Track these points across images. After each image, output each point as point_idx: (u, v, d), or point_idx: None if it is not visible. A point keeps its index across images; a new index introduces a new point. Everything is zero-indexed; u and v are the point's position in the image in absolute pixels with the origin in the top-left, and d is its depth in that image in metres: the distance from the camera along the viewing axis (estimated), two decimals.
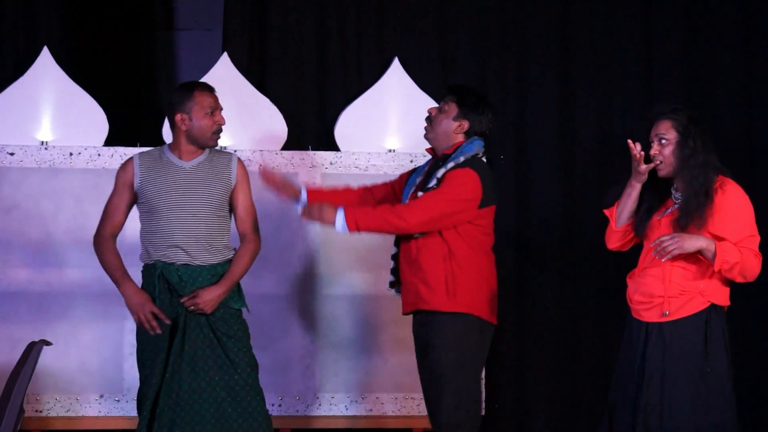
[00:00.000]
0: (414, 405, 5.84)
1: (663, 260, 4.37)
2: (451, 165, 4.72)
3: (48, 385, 5.69)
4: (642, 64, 6.34)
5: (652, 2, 6.36)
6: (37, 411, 5.68)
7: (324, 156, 5.89)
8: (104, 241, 4.87)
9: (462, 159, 4.74)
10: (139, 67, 6.56)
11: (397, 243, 4.90)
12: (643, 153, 4.44)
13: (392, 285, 4.94)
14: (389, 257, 4.94)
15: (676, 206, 4.46)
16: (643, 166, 4.46)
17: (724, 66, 6.34)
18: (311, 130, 6.17)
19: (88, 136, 5.82)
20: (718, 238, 4.35)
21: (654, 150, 4.46)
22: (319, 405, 5.83)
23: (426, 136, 4.87)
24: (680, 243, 4.32)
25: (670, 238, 4.34)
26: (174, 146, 4.87)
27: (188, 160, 4.82)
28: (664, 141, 4.45)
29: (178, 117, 4.84)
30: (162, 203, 4.77)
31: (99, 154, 5.76)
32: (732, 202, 4.39)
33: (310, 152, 5.90)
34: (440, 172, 4.73)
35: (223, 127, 4.85)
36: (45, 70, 5.84)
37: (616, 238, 4.65)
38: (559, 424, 6.24)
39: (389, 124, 6.02)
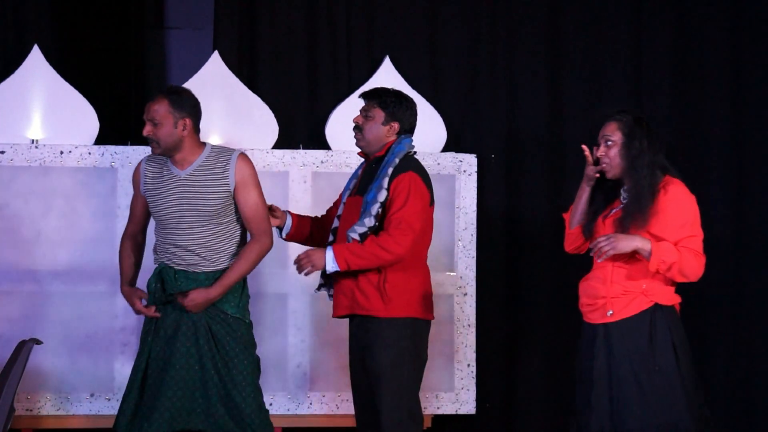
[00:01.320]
0: None
1: (599, 260, 4.43)
2: (390, 170, 4.74)
3: (39, 383, 5.67)
4: (631, 64, 6.35)
5: (641, 2, 6.37)
6: (27, 410, 5.67)
7: (315, 155, 5.89)
8: (123, 241, 4.89)
9: (397, 161, 4.77)
10: (130, 66, 6.56)
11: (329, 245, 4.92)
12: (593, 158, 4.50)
13: (321, 287, 4.93)
14: None
15: (621, 207, 4.48)
16: (591, 168, 4.50)
17: (712, 65, 6.35)
18: (302, 128, 6.16)
19: (79, 134, 5.81)
20: (658, 239, 4.36)
21: (600, 152, 4.51)
22: (310, 404, 5.83)
23: (358, 144, 4.90)
24: (614, 243, 4.35)
25: (606, 238, 4.37)
26: None
27: (183, 168, 4.71)
28: (609, 143, 4.50)
29: None
30: (159, 212, 4.73)
31: (89, 153, 5.75)
32: (672, 203, 4.40)
33: (301, 151, 5.89)
34: (385, 182, 4.73)
35: (150, 137, 4.65)
36: (35, 69, 5.83)
37: (570, 241, 4.71)
38: (549, 423, 6.24)
39: None
